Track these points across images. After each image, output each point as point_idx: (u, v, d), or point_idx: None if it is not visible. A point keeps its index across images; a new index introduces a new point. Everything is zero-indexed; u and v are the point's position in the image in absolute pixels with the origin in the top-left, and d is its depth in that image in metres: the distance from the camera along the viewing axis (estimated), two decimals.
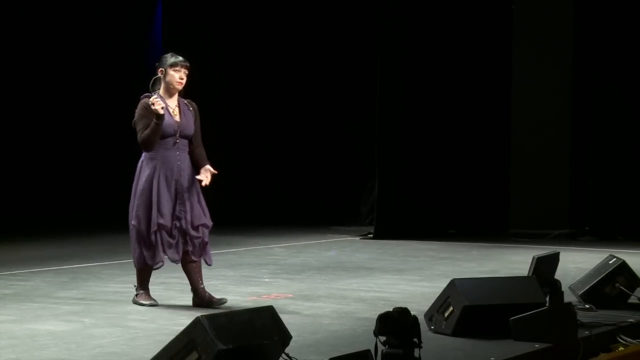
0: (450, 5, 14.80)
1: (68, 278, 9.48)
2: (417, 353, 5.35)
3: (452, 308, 6.65)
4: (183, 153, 7.87)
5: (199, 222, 7.87)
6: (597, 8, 14.54)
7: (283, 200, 16.02)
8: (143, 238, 7.74)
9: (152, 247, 7.73)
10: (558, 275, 7.66)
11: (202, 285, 7.91)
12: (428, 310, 6.89)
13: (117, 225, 9.80)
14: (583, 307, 7.64)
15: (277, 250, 12.24)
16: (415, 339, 5.36)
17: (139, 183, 7.79)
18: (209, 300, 7.86)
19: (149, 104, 7.66)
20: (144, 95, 7.87)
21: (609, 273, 7.89)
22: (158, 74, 7.91)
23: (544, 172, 14.50)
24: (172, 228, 7.74)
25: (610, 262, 8.04)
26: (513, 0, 14.80)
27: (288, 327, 5.58)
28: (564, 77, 14.56)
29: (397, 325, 5.34)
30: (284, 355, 5.47)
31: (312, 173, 16.38)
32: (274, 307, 5.61)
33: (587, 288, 7.87)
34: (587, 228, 14.25)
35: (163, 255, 7.75)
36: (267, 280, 9.52)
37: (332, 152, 16.43)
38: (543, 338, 6.40)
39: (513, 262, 10.99)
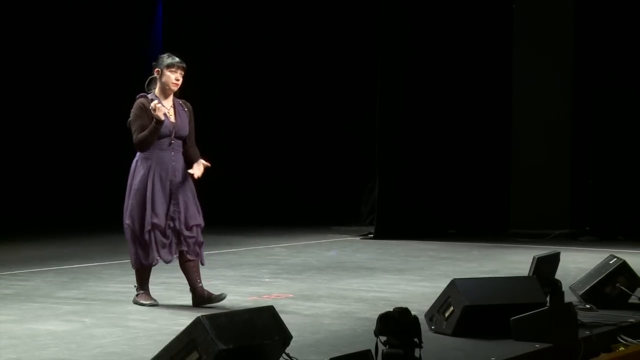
0: (451, 5, 14.79)
1: (68, 278, 9.48)
2: (417, 353, 5.35)
3: (452, 308, 6.65)
4: (178, 153, 7.87)
5: (195, 222, 7.87)
6: (597, 8, 14.54)
7: (283, 200, 16.01)
8: (137, 238, 7.75)
9: (146, 246, 7.74)
10: (558, 275, 7.66)
11: (200, 284, 7.90)
12: (428, 310, 6.89)
13: (117, 225, 9.78)
14: (584, 307, 7.64)
15: (277, 250, 12.23)
16: (416, 339, 5.36)
17: (134, 183, 7.80)
18: (209, 297, 7.85)
19: (151, 109, 7.65)
20: (140, 95, 7.88)
21: (610, 273, 7.89)
22: (154, 74, 7.93)
23: (545, 172, 14.49)
24: (165, 228, 7.74)
25: (611, 262, 8.04)
26: (513, 1, 14.79)
27: (288, 327, 5.58)
28: (565, 77, 14.56)
29: (397, 325, 5.34)
30: (285, 355, 5.47)
31: (312, 173, 16.37)
32: (275, 307, 5.61)
33: (587, 288, 7.87)
34: (587, 228, 14.24)
35: (156, 255, 7.75)
36: (267, 280, 9.52)
37: (332, 152, 16.42)
38: (543, 338, 6.40)
39: (513, 262, 10.98)
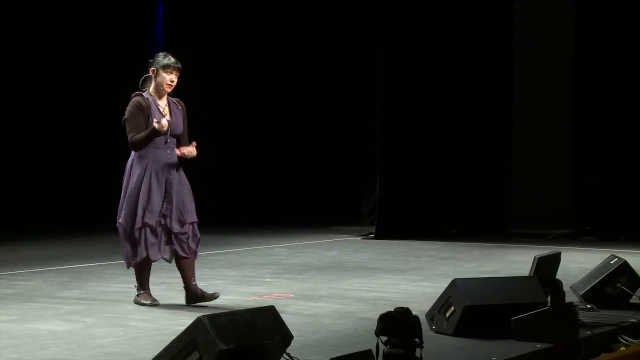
0: (452, 6, 14.79)
1: (69, 278, 9.48)
2: (418, 353, 5.35)
3: (453, 308, 6.65)
4: (173, 151, 7.90)
5: (191, 219, 7.89)
6: (598, 7, 14.53)
7: (284, 201, 16.01)
8: (128, 236, 7.76)
9: (135, 244, 7.75)
10: (559, 275, 7.66)
11: (194, 283, 7.91)
12: (429, 310, 6.89)
13: (116, 225, 9.78)
14: (584, 307, 7.64)
15: (278, 250, 12.23)
16: (417, 339, 5.36)
17: (130, 182, 7.81)
18: (202, 296, 7.87)
19: (161, 127, 7.66)
20: (135, 94, 7.90)
21: (611, 273, 7.90)
22: (149, 73, 7.93)
23: (546, 172, 14.49)
24: (156, 226, 7.75)
25: (612, 262, 8.04)
26: (514, 0, 14.79)
27: (289, 327, 5.58)
28: (565, 76, 14.55)
29: (398, 325, 5.34)
30: (285, 355, 5.47)
31: (313, 173, 16.38)
32: (276, 307, 5.61)
33: (588, 288, 7.87)
34: (588, 228, 14.24)
35: (144, 253, 7.74)
36: (268, 280, 9.52)
37: (333, 152, 16.43)
38: (544, 338, 6.40)
39: (514, 262, 10.98)
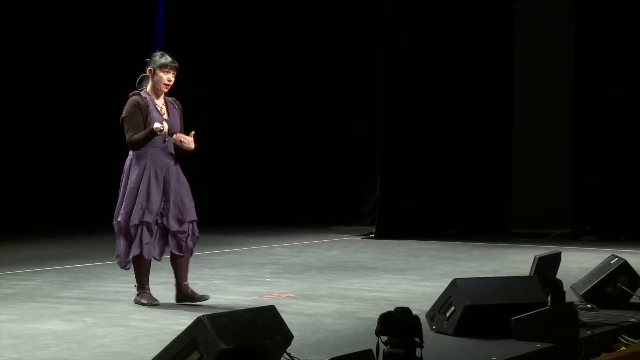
0: (452, 6, 14.79)
1: (70, 278, 9.48)
2: (418, 353, 5.35)
3: (453, 308, 6.65)
4: (171, 151, 7.92)
5: (191, 218, 7.90)
6: (598, 7, 14.53)
7: (285, 201, 16.01)
8: (124, 233, 7.77)
9: (130, 241, 7.76)
10: (560, 275, 7.66)
11: (186, 282, 7.93)
12: (430, 310, 6.88)
13: None
14: (585, 307, 7.64)
15: (279, 250, 12.23)
16: (417, 339, 5.36)
17: (130, 181, 7.81)
18: (192, 297, 7.89)
19: (163, 134, 7.68)
20: (133, 93, 7.92)
21: (611, 273, 7.90)
22: (147, 73, 7.94)
23: (546, 172, 14.49)
24: (153, 224, 7.76)
25: (612, 262, 8.04)
26: (514, 0, 14.79)
27: (290, 327, 5.58)
28: (566, 76, 14.55)
29: (398, 325, 5.34)
30: (286, 355, 5.47)
31: (314, 173, 16.38)
32: (276, 306, 5.61)
33: (589, 288, 7.87)
34: (589, 228, 14.24)
35: (137, 252, 7.75)
36: (269, 280, 9.51)
37: (334, 152, 16.42)
38: (545, 338, 6.40)
39: (515, 262, 10.98)
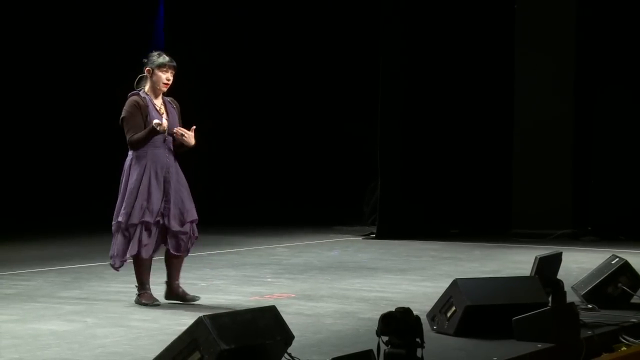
0: (453, 6, 14.78)
1: (70, 278, 9.48)
2: (419, 353, 5.35)
3: (454, 308, 6.65)
4: (170, 151, 7.93)
5: (191, 218, 7.91)
6: (599, 7, 14.52)
7: (285, 201, 16.01)
8: (123, 231, 7.76)
9: (128, 240, 7.76)
10: (560, 275, 7.66)
11: (177, 282, 7.94)
12: (430, 310, 6.88)
13: None
14: (585, 307, 7.64)
15: (279, 250, 12.23)
16: (418, 339, 5.36)
17: (130, 181, 7.81)
18: (183, 296, 7.92)
19: (162, 130, 7.68)
20: (132, 93, 7.93)
21: (612, 273, 7.89)
22: (145, 73, 7.95)
23: (547, 172, 14.48)
24: (153, 225, 7.76)
25: (613, 262, 8.04)
26: (515, 0, 14.78)
27: (290, 327, 5.58)
28: (566, 77, 14.54)
29: (399, 325, 5.34)
30: (287, 355, 5.47)
31: (314, 173, 16.37)
32: (277, 306, 5.61)
33: (589, 288, 7.87)
34: (589, 228, 14.23)
35: (135, 251, 7.75)
36: (269, 280, 9.51)
37: (334, 152, 16.42)
38: (545, 338, 6.39)
39: (515, 262, 10.98)
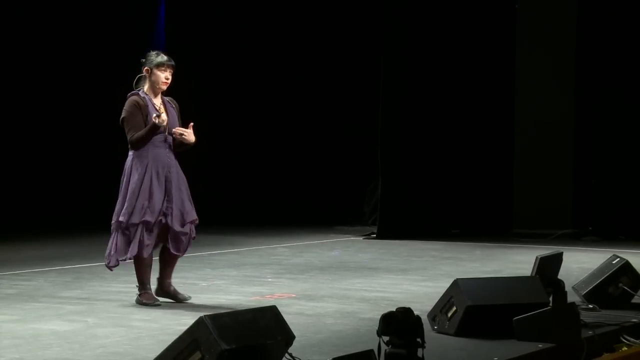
0: (453, 6, 14.78)
1: (71, 278, 9.48)
2: (420, 353, 5.35)
3: (455, 308, 6.65)
4: (171, 150, 7.94)
5: (191, 218, 7.92)
6: (600, 7, 14.52)
7: (286, 201, 16.01)
8: (123, 231, 7.76)
9: (129, 240, 7.76)
10: (561, 275, 7.66)
11: (169, 280, 7.96)
12: (431, 310, 6.88)
13: None
14: (586, 307, 7.64)
15: (280, 250, 12.23)
16: (419, 339, 5.36)
17: (131, 181, 7.81)
18: (174, 295, 7.93)
19: (160, 122, 7.68)
20: (132, 93, 7.94)
21: (613, 273, 7.89)
22: (143, 73, 7.96)
23: (547, 172, 14.48)
24: (154, 225, 7.76)
25: (614, 262, 8.04)
26: (516, 0, 14.78)
27: (291, 327, 5.58)
28: (567, 77, 14.54)
29: (400, 325, 5.34)
30: (287, 355, 5.47)
31: (315, 173, 16.37)
32: (277, 306, 5.61)
33: (590, 288, 7.87)
34: (590, 228, 14.23)
35: (136, 251, 7.75)
36: (270, 280, 9.52)
37: (335, 152, 16.42)
38: (546, 338, 6.39)
39: (516, 262, 10.98)
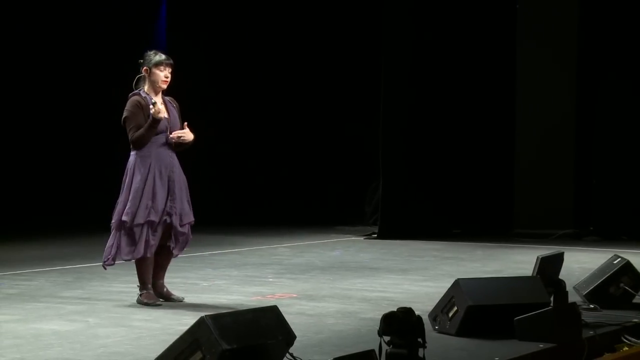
0: (455, 6, 14.78)
1: (72, 278, 9.48)
2: (421, 353, 5.35)
3: (456, 308, 6.65)
4: (172, 150, 7.94)
5: (188, 219, 7.94)
6: (601, 7, 14.51)
7: (287, 200, 16.01)
8: (127, 231, 7.75)
9: (133, 240, 7.75)
10: (562, 275, 7.66)
11: (161, 281, 7.97)
12: (432, 310, 6.88)
13: None
14: (587, 307, 7.64)
15: (281, 250, 12.23)
16: (420, 339, 5.36)
17: (134, 181, 7.80)
18: (168, 296, 7.94)
19: (156, 111, 7.68)
20: (133, 93, 7.94)
21: (614, 273, 7.89)
22: (142, 73, 7.96)
23: (549, 172, 14.48)
24: (158, 225, 7.76)
25: (615, 262, 8.04)
26: (517, 0, 14.78)
27: (292, 326, 5.58)
28: (569, 77, 14.54)
29: (401, 325, 5.34)
30: (288, 355, 5.47)
31: (316, 173, 16.37)
32: (278, 306, 5.61)
33: (591, 288, 7.87)
34: (591, 228, 14.22)
35: (142, 251, 7.75)
36: (271, 280, 9.52)
37: (336, 152, 16.42)
38: (547, 338, 6.39)
39: (517, 262, 10.97)
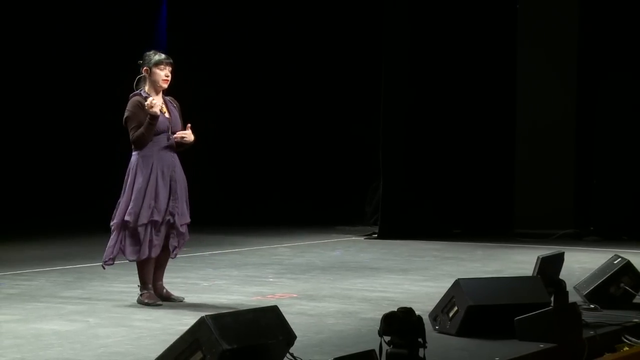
0: (455, 6, 14.78)
1: (73, 278, 9.49)
2: (421, 353, 5.35)
3: (456, 308, 6.65)
4: (174, 149, 7.94)
5: (185, 220, 7.96)
6: (602, 7, 14.51)
7: (287, 200, 16.01)
8: (131, 231, 7.76)
9: (137, 241, 7.75)
10: (563, 275, 7.66)
11: (160, 282, 7.98)
12: (432, 310, 6.88)
13: None
14: (588, 307, 7.64)
15: (281, 250, 12.24)
16: (420, 339, 5.36)
17: (136, 181, 7.80)
18: (167, 296, 7.94)
19: (147, 106, 7.69)
20: (134, 94, 7.94)
21: (614, 273, 7.89)
22: (142, 73, 7.96)
23: (549, 172, 14.48)
24: (161, 225, 7.77)
25: (615, 262, 8.04)
26: (517, 0, 14.78)
27: (292, 326, 5.58)
28: (569, 77, 14.54)
29: (401, 325, 5.34)
30: (289, 355, 5.47)
31: (316, 173, 16.37)
32: (279, 306, 5.62)
33: (592, 288, 7.87)
34: (591, 228, 14.23)
35: (147, 251, 7.76)
36: (271, 280, 9.52)
37: (337, 152, 16.42)
38: (548, 338, 6.39)
39: (518, 262, 10.98)
